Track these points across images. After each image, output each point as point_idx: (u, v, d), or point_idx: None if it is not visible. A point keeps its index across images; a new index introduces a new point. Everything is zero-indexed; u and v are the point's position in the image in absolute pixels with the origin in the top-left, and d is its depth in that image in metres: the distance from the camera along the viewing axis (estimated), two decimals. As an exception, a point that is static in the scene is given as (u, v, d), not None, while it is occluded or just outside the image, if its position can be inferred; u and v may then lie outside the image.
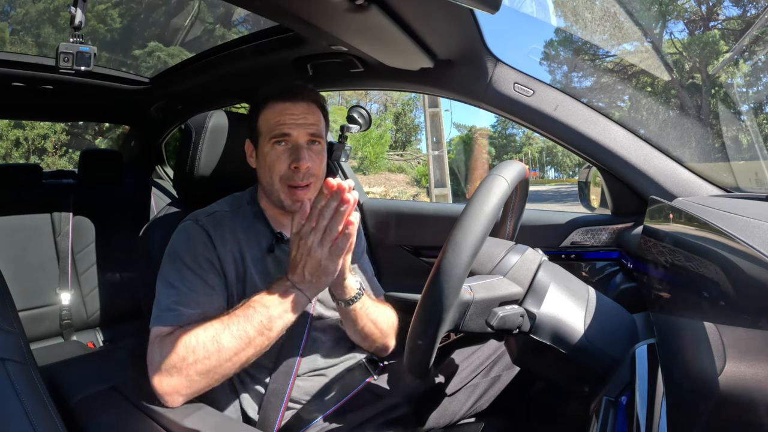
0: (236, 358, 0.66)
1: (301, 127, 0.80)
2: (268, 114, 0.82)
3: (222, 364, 0.66)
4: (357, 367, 0.89)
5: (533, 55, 18.56)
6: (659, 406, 0.45)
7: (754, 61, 9.44)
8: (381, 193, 12.59)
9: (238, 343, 0.66)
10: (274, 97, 0.82)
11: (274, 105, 0.82)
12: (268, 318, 0.67)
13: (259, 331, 0.66)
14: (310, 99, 0.83)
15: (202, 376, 0.66)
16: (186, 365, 0.65)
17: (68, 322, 1.70)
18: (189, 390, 0.66)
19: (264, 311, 0.67)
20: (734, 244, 0.40)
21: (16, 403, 0.52)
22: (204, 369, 0.65)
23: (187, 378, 0.65)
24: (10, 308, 0.65)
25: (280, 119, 0.80)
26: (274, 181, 0.81)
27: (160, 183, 2.04)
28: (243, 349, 0.66)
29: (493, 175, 0.59)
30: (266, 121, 0.82)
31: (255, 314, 0.67)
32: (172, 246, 0.79)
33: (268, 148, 0.81)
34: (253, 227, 0.84)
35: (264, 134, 0.82)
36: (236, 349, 0.66)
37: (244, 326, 0.66)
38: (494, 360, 0.90)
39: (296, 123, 0.80)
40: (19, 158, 11.20)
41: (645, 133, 1.01)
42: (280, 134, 0.80)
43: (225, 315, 0.68)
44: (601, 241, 1.08)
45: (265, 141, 0.81)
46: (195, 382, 0.66)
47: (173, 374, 0.65)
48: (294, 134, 0.80)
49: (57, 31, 10.03)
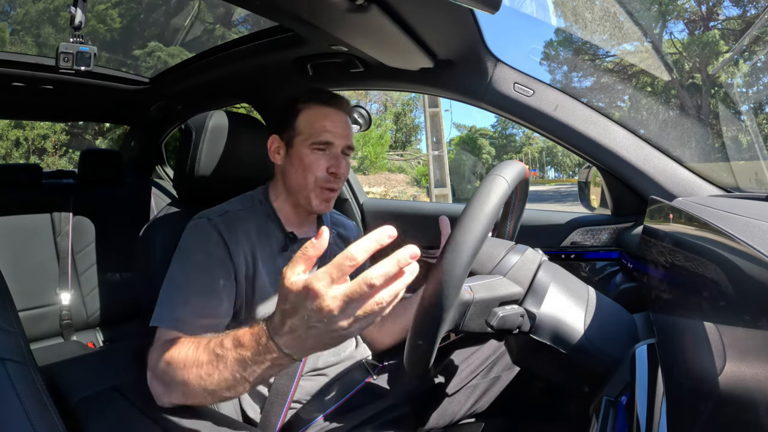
0: (227, 393, 0.58)
1: (342, 138, 0.83)
2: (312, 116, 0.83)
3: (212, 397, 0.59)
4: (357, 367, 0.89)
5: (533, 55, 18.57)
6: (659, 406, 0.45)
7: (754, 61, 9.44)
8: (381, 193, 12.58)
9: (228, 385, 0.56)
10: (320, 99, 0.84)
11: (319, 108, 0.83)
12: (243, 377, 0.54)
13: (241, 381, 0.55)
14: (347, 111, 0.87)
15: (197, 394, 0.60)
16: (187, 385, 0.59)
17: (68, 322, 1.70)
18: (184, 401, 0.63)
19: (240, 371, 0.54)
20: (734, 244, 0.40)
21: (16, 403, 0.52)
22: (209, 392, 0.58)
23: (183, 393, 0.61)
24: (10, 308, 0.65)
25: (325, 125, 0.82)
26: (308, 182, 0.82)
27: (160, 183, 2.04)
28: (234, 388, 0.57)
29: (493, 175, 0.59)
30: (309, 123, 0.82)
31: (235, 369, 0.55)
32: (183, 244, 0.78)
33: (307, 151, 0.82)
34: (265, 227, 0.84)
35: (304, 135, 0.82)
36: (227, 389, 0.57)
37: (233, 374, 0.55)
38: (494, 360, 0.90)
39: (338, 133, 0.83)
40: (19, 158, 11.20)
41: (645, 133, 1.01)
42: (324, 141, 0.82)
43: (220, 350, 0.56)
44: (601, 241, 1.08)
45: (304, 142, 0.82)
46: (189, 398, 0.62)
47: (171, 385, 0.62)
48: (336, 143, 0.83)
49: (57, 31, 10.04)
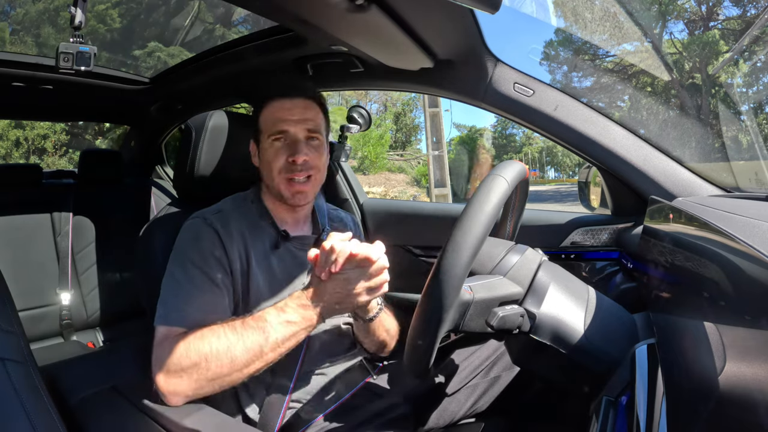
0: (246, 369, 0.68)
1: (298, 124, 0.83)
2: (268, 113, 0.85)
3: (232, 373, 0.67)
4: (357, 366, 0.89)
5: (533, 55, 18.56)
6: (659, 406, 0.45)
7: (754, 61, 9.43)
8: (381, 193, 12.58)
9: (250, 356, 0.67)
10: (272, 96, 0.85)
11: (273, 104, 0.85)
12: (283, 337, 0.68)
13: (273, 348, 0.68)
14: (307, 96, 0.85)
15: (210, 382, 0.67)
16: (197, 371, 0.66)
17: (68, 322, 1.69)
18: (194, 393, 0.67)
19: (281, 330, 0.68)
20: (734, 244, 0.40)
21: (16, 403, 0.52)
22: (214, 376, 0.66)
23: (196, 382, 0.66)
24: (10, 308, 0.65)
25: (278, 116, 0.83)
26: (274, 176, 0.83)
27: (160, 183, 2.04)
28: (254, 362, 0.68)
29: (493, 175, 0.59)
30: (265, 120, 0.84)
31: (271, 331, 0.68)
32: (180, 244, 0.80)
33: (267, 145, 0.83)
34: (258, 225, 0.85)
35: (264, 132, 0.84)
36: (248, 361, 0.67)
37: (258, 340, 0.67)
38: (494, 360, 0.90)
39: (293, 119, 0.83)
40: (19, 158, 11.20)
41: (645, 133, 1.01)
42: (278, 131, 0.82)
43: (239, 323, 0.69)
44: (601, 241, 1.08)
45: (265, 138, 0.84)
46: (202, 388, 0.67)
47: (182, 377, 0.66)
48: (292, 130, 0.83)
49: (57, 31, 10.03)
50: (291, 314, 0.68)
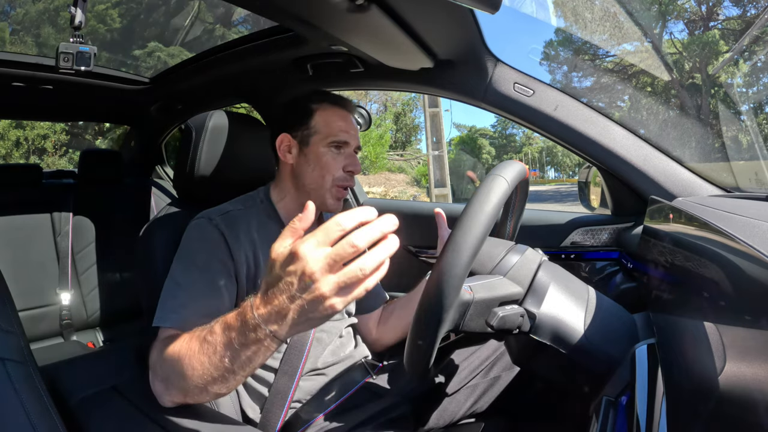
0: (225, 383, 0.56)
1: (355, 138, 0.87)
2: (328, 115, 0.85)
3: (211, 385, 0.56)
4: (357, 366, 0.89)
5: (533, 55, 18.57)
6: (659, 406, 0.45)
7: (754, 61, 9.43)
8: (381, 193, 12.58)
9: (222, 368, 0.54)
10: (335, 101, 0.87)
11: (334, 108, 0.86)
12: (231, 364, 0.53)
13: (230, 370, 0.54)
14: (354, 113, 0.91)
15: (200, 390, 0.58)
16: (183, 378, 0.58)
17: (68, 322, 1.70)
18: (185, 400, 0.62)
19: (228, 356, 0.53)
20: (734, 244, 0.40)
21: (16, 403, 0.52)
22: (202, 385, 0.57)
23: (183, 390, 0.60)
24: (10, 308, 0.65)
25: (341, 125, 0.85)
26: (326, 181, 0.84)
27: (160, 183, 2.04)
28: (224, 378, 0.55)
29: (493, 175, 0.59)
30: (326, 123, 0.85)
31: (223, 354, 0.53)
32: (185, 244, 0.78)
33: (323, 150, 0.84)
34: (267, 227, 0.84)
35: (322, 134, 0.84)
36: (222, 373, 0.55)
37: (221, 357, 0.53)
38: (494, 360, 0.90)
39: (353, 134, 0.86)
40: (19, 158, 11.20)
41: (645, 133, 1.01)
42: (342, 141, 0.85)
43: (216, 326, 0.55)
44: (601, 241, 1.08)
45: (322, 141, 0.84)
46: (191, 395, 0.61)
47: (169, 381, 0.61)
48: (352, 144, 0.86)
49: (57, 31, 10.03)
50: (236, 338, 0.52)
